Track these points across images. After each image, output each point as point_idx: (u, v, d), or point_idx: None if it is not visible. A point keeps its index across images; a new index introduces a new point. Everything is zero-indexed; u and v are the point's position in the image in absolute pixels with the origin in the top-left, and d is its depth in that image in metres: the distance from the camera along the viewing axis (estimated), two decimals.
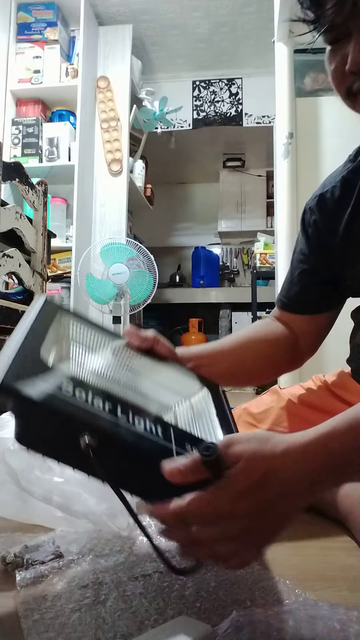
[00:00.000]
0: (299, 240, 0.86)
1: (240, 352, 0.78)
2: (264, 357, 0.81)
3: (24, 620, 0.46)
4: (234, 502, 0.41)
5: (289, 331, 0.84)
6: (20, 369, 0.42)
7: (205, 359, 0.71)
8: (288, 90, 2.05)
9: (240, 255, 5.72)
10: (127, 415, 0.45)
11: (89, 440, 0.41)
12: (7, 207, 1.51)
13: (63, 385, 0.43)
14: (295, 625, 0.40)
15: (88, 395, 0.44)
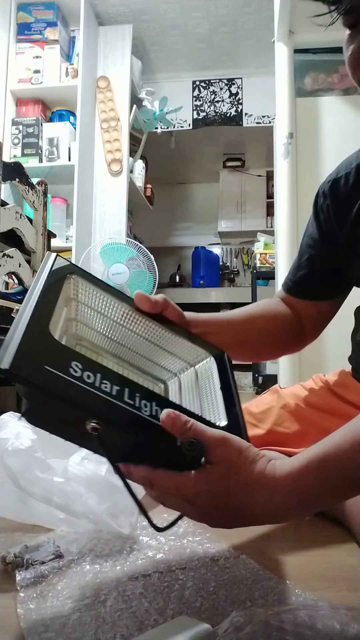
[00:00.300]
0: (310, 225, 0.85)
1: (248, 326, 0.78)
2: (269, 335, 0.81)
3: (24, 620, 0.46)
4: (197, 495, 0.46)
5: (294, 313, 0.84)
6: (29, 349, 0.41)
7: (213, 327, 0.71)
8: (288, 90, 2.05)
9: (240, 255, 5.72)
10: (133, 399, 0.45)
11: (95, 425, 0.41)
12: (7, 207, 1.51)
13: (71, 369, 0.43)
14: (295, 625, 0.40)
15: (96, 378, 0.44)
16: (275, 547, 0.63)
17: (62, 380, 0.41)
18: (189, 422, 0.45)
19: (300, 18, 1.99)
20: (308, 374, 0.97)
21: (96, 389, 0.43)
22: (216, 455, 0.45)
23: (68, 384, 0.42)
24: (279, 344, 0.83)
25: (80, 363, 0.44)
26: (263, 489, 0.46)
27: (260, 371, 3.25)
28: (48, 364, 0.42)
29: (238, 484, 0.46)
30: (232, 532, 0.67)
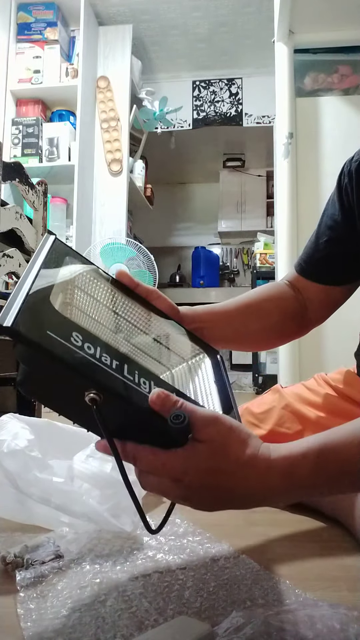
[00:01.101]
0: (331, 204, 0.81)
1: (246, 317, 0.76)
2: (270, 324, 0.78)
3: (24, 620, 0.46)
4: (184, 473, 0.44)
5: (299, 298, 0.81)
6: (31, 311, 0.41)
7: (209, 322, 0.69)
8: (288, 90, 2.05)
9: (240, 255, 5.72)
10: (133, 375, 0.45)
11: (94, 396, 0.40)
12: (7, 207, 1.51)
13: (72, 338, 0.42)
14: (295, 625, 0.40)
15: (96, 350, 0.43)
16: (275, 547, 0.63)
17: (63, 347, 0.41)
18: (179, 402, 0.44)
19: (300, 18, 1.99)
20: (308, 373, 0.97)
21: (97, 360, 0.42)
22: (207, 433, 0.44)
23: (69, 350, 0.41)
24: (280, 332, 0.81)
25: (81, 334, 0.44)
26: (255, 469, 0.44)
27: (260, 371, 3.25)
28: (50, 329, 0.41)
29: (229, 462, 0.44)
30: (232, 532, 0.67)
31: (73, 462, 0.66)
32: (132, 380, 0.44)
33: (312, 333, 0.85)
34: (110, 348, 0.46)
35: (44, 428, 0.78)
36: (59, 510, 0.63)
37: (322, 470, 0.46)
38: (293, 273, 0.84)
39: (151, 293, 0.62)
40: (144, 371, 0.48)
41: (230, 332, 0.73)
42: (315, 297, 0.80)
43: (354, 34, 2.03)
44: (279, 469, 0.45)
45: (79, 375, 0.41)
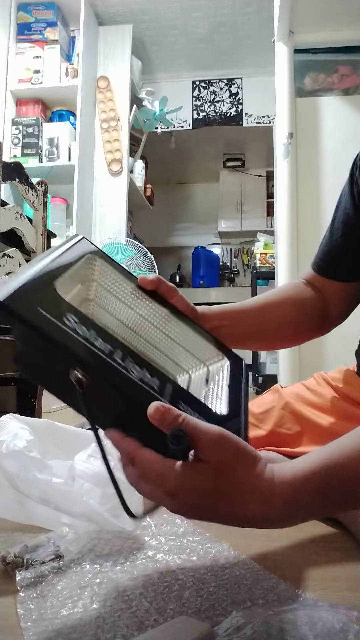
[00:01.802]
0: (344, 197, 0.79)
1: (265, 316, 0.74)
2: (289, 323, 0.77)
3: (24, 620, 0.46)
4: (176, 489, 0.42)
5: (319, 297, 0.79)
6: (28, 290, 0.42)
7: (227, 320, 0.68)
8: (288, 90, 2.05)
9: (240, 255, 5.72)
10: (124, 360, 0.44)
11: (80, 375, 0.40)
12: (7, 207, 1.51)
13: (66, 317, 0.43)
14: (295, 625, 0.40)
15: (90, 333, 0.43)
16: (275, 547, 0.63)
17: (52, 324, 0.41)
18: (181, 417, 0.41)
19: (300, 18, 1.99)
20: (308, 372, 0.97)
21: (86, 341, 0.42)
22: (211, 453, 0.41)
23: (57, 328, 0.41)
24: (300, 331, 0.79)
25: (77, 317, 0.44)
26: (257, 495, 0.43)
27: (260, 371, 3.25)
28: (42, 306, 0.42)
29: (231, 486, 0.42)
30: (232, 532, 0.67)
31: (74, 462, 0.66)
32: (122, 365, 0.43)
33: None
34: (108, 334, 0.46)
35: (44, 428, 0.78)
36: (59, 510, 0.63)
37: (326, 494, 0.44)
38: (310, 272, 0.82)
39: (170, 291, 0.61)
40: (142, 361, 0.46)
41: (248, 330, 0.72)
42: (335, 295, 0.79)
43: (354, 34, 2.03)
44: (283, 495, 0.43)
45: (63, 351, 0.40)
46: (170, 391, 0.46)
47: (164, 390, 0.45)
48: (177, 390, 0.47)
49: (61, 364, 0.41)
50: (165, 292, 0.60)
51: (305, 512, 0.45)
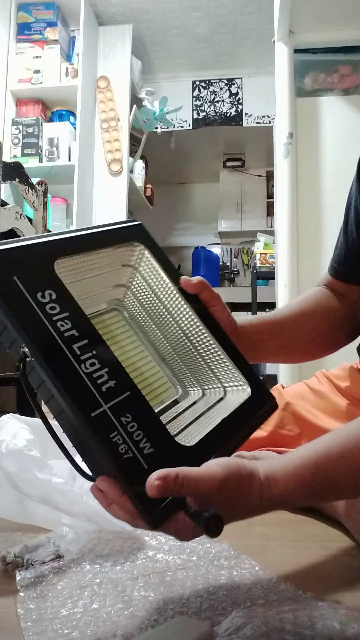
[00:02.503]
0: (354, 197, 0.76)
1: (300, 327, 0.72)
2: (321, 332, 0.74)
3: (24, 620, 0.46)
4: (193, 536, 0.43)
5: (344, 303, 0.77)
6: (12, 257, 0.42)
7: (265, 334, 0.66)
8: (288, 90, 2.05)
9: (240, 255, 5.71)
10: (84, 351, 0.42)
11: (27, 351, 0.40)
12: (7, 207, 1.51)
13: (40, 293, 0.42)
14: (295, 625, 0.40)
15: (58, 314, 0.42)
16: (275, 547, 0.63)
17: (18, 295, 0.41)
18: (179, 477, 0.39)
19: (300, 18, 1.99)
20: (308, 372, 0.96)
21: (48, 320, 0.41)
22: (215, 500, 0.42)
23: (22, 302, 0.41)
24: (332, 340, 0.76)
25: (56, 295, 0.43)
26: (259, 510, 0.46)
27: (260, 371, 3.24)
28: (18, 276, 0.41)
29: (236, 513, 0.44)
30: (232, 532, 0.67)
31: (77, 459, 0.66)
32: (75, 354, 0.41)
33: None
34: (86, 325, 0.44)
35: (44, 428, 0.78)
36: (59, 510, 0.63)
37: (315, 494, 0.49)
38: (328, 277, 0.80)
39: (213, 300, 0.58)
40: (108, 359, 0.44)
41: (286, 342, 0.70)
42: (356, 300, 0.77)
43: (354, 34, 2.03)
44: (279, 502, 0.46)
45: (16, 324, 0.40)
46: (123, 399, 0.42)
47: (114, 396, 0.42)
48: (133, 400, 0.43)
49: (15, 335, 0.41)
50: (207, 298, 0.58)
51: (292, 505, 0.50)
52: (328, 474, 0.48)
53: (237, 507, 0.44)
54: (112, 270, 0.54)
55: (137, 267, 0.56)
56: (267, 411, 0.55)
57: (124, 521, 0.43)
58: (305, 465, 0.47)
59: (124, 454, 0.40)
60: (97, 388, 0.41)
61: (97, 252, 0.51)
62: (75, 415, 0.40)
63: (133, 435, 0.41)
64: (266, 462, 0.48)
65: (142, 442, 0.41)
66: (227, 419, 0.50)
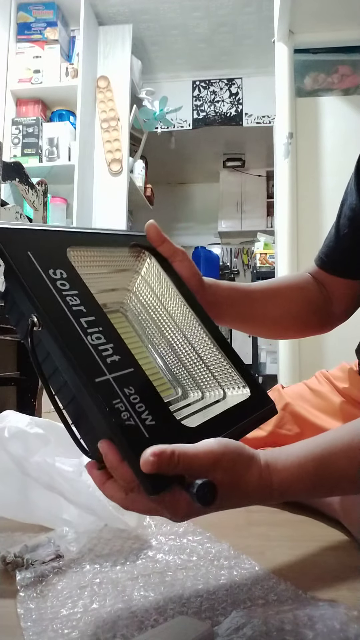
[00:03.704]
0: (349, 194, 0.77)
1: (270, 301, 0.73)
2: (292, 312, 0.75)
3: (24, 620, 0.46)
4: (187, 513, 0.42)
5: (323, 291, 0.78)
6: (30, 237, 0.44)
7: (229, 298, 0.67)
8: (288, 90, 2.05)
9: (240, 255, 5.72)
10: (90, 326, 0.43)
11: (36, 320, 0.41)
12: (7, 207, 1.51)
13: (52, 270, 0.43)
14: (295, 625, 0.40)
15: (68, 291, 0.43)
16: (275, 547, 0.63)
17: (30, 267, 0.42)
18: (175, 455, 0.39)
19: (300, 18, 1.99)
20: (308, 372, 0.96)
21: (58, 294, 0.43)
22: (211, 476, 0.41)
23: (34, 273, 0.42)
24: (301, 324, 0.78)
25: (67, 275, 0.44)
26: (257, 494, 0.45)
27: (260, 371, 3.25)
28: (32, 252, 0.43)
29: (233, 495, 0.44)
30: (232, 532, 0.67)
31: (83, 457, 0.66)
32: (83, 327, 0.42)
33: None
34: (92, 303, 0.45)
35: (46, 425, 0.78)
36: (63, 497, 0.62)
37: (316, 486, 0.48)
38: (313, 267, 0.81)
39: (176, 254, 0.59)
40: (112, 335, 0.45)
41: (249, 312, 0.70)
42: (339, 292, 0.78)
43: (354, 34, 2.03)
44: (277, 491, 0.46)
45: (26, 294, 0.41)
46: (126, 374, 0.43)
47: (118, 369, 0.43)
48: (136, 376, 0.44)
49: (24, 307, 0.42)
50: (169, 253, 0.59)
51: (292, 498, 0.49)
52: (330, 467, 0.48)
53: (233, 488, 0.43)
54: (118, 273, 0.55)
55: (141, 273, 0.57)
56: (265, 413, 0.55)
57: (116, 502, 0.42)
58: (308, 456, 0.48)
59: (126, 421, 0.40)
60: (102, 359, 0.42)
61: (106, 250, 0.52)
62: (80, 379, 0.40)
63: (135, 407, 0.41)
64: (268, 450, 0.48)
65: (144, 414, 0.42)
66: (225, 413, 0.50)
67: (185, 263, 0.59)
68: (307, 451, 0.48)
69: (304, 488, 0.48)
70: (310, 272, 0.81)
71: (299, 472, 0.47)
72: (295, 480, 0.46)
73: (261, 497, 0.46)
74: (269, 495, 0.46)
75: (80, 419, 0.43)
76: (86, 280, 0.47)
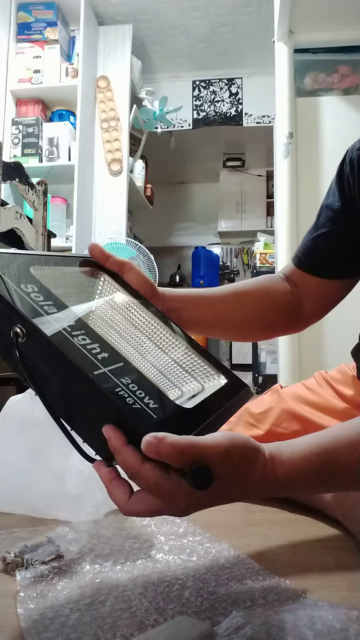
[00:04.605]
0: (331, 194, 0.78)
1: (231, 304, 0.72)
2: (257, 315, 0.75)
3: (24, 621, 0.46)
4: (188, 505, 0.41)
5: (295, 292, 0.78)
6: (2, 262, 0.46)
7: (190, 304, 0.66)
8: (288, 90, 2.05)
9: (240, 255, 5.72)
10: (73, 330, 0.44)
11: (19, 331, 0.41)
12: (7, 207, 1.51)
13: (23, 284, 0.45)
14: (295, 625, 0.40)
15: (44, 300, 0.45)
16: (275, 547, 0.63)
17: (5, 285, 0.43)
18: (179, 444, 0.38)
19: (300, 18, 1.99)
20: (308, 372, 0.96)
21: (36, 304, 0.44)
22: (218, 470, 0.40)
23: (10, 289, 0.43)
24: (268, 326, 0.77)
25: (38, 288, 0.46)
26: (259, 489, 0.45)
27: (260, 371, 3.25)
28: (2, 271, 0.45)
29: (239, 486, 0.44)
30: (232, 532, 0.67)
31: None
32: (67, 330, 0.43)
33: (312, 333, 0.84)
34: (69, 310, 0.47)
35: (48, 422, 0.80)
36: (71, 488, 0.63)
37: (321, 481, 0.48)
38: (290, 266, 0.81)
39: (124, 265, 0.59)
40: (94, 335, 0.46)
41: (211, 316, 0.70)
42: (312, 291, 0.78)
43: (354, 34, 2.03)
44: (281, 483, 0.46)
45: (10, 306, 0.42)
46: (118, 367, 0.44)
47: (110, 364, 0.44)
48: (127, 369, 0.45)
49: (3, 323, 0.42)
50: (117, 267, 0.59)
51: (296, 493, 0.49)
52: (334, 462, 0.47)
53: (239, 481, 0.43)
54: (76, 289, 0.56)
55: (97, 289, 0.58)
56: (243, 396, 0.57)
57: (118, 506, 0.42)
58: (313, 449, 0.47)
59: (133, 405, 0.41)
60: (93, 356, 0.43)
61: (63, 269, 0.55)
62: (78, 375, 0.40)
63: (136, 393, 0.43)
64: (273, 444, 0.48)
65: (146, 398, 0.43)
66: (211, 396, 0.51)
67: (134, 273, 0.60)
68: (312, 445, 0.48)
69: (309, 481, 0.48)
70: (285, 273, 0.81)
71: (304, 465, 0.46)
72: (300, 474, 0.46)
73: (265, 490, 0.46)
74: (273, 488, 0.46)
75: (79, 420, 0.43)
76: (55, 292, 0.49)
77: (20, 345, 0.41)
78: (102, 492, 0.66)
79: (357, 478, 0.48)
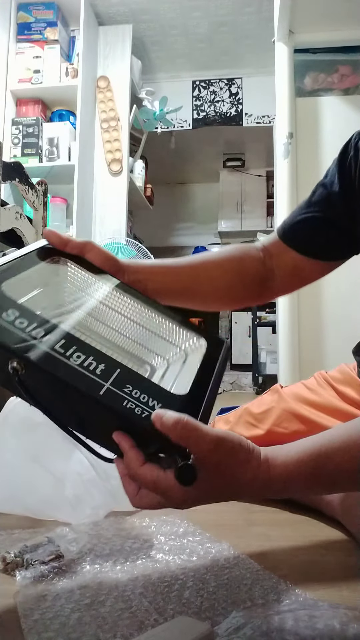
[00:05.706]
0: (330, 174, 0.77)
1: (198, 275, 0.72)
2: (224, 286, 0.74)
3: (24, 620, 0.45)
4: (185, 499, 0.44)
5: (268, 264, 0.77)
6: None
7: (155, 275, 0.66)
8: (288, 90, 2.05)
9: None
10: (67, 349, 0.45)
11: (17, 365, 0.42)
12: (7, 207, 1.51)
13: (5, 313, 0.45)
14: (295, 625, 0.40)
15: (29, 325, 0.45)
16: (275, 547, 0.63)
17: None
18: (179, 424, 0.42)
19: (300, 18, 1.99)
20: (308, 372, 0.97)
21: (23, 331, 0.44)
22: (210, 462, 0.43)
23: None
24: (235, 297, 0.76)
25: (19, 312, 0.46)
26: (253, 487, 0.46)
27: (260, 371, 3.25)
28: None
29: (231, 483, 0.46)
30: (232, 532, 0.67)
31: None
32: (61, 353, 0.44)
33: (313, 332, 0.84)
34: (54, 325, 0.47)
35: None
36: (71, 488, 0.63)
37: (315, 481, 0.49)
38: (273, 237, 0.79)
39: (84, 246, 0.59)
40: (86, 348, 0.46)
41: (177, 288, 0.69)
42: (286, 265, 0.77)
43: (354, 34, 2.03)
44: (276, 484, 0.47)
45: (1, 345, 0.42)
46: (117, 375, 0.46)
47: (109, 375, 0.45)
48: (125, 374, 0.47)
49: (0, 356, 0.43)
50: (78, 250, 0.59)
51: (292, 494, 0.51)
52: (328, 463, 0.48)
53: (228, 477, 0.45)
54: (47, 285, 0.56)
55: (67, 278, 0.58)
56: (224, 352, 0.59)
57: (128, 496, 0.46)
58: (307, 451, 0.48)
59: (141, 414, 0.43)
60: (92, 373, 0.44)
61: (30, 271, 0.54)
62: (85, 400, 0.42)
63: (140, 399, 0.45)
64: (269, 447, 0.49)
65: (150, 401, 0.45)
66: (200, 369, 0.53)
67: (95, 251, 0.59)
68: (306, 447, 0.49)
69: (303, 483, 0.49)
70: (265, 243, 0.79)
71: (298, 466, 0.48)
72: (295, 475, 0.47)
73: (259, 490, 0.47)
74: (268, 489, 0.47)
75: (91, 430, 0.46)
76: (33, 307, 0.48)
77: (21, 377, 0.42)
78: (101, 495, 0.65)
79: (351, 478, 0.49)
